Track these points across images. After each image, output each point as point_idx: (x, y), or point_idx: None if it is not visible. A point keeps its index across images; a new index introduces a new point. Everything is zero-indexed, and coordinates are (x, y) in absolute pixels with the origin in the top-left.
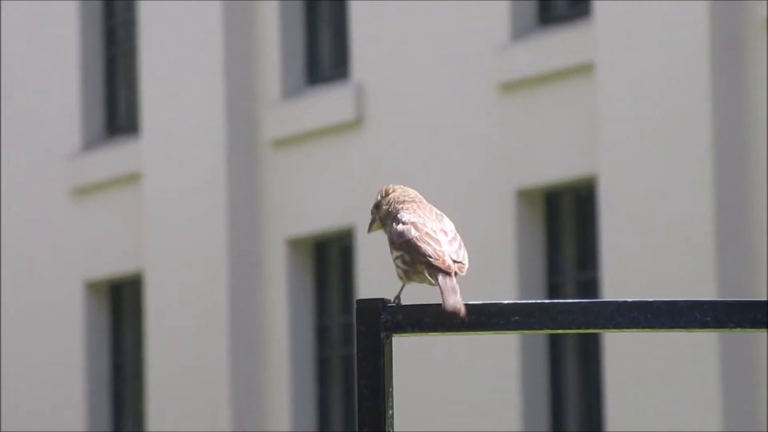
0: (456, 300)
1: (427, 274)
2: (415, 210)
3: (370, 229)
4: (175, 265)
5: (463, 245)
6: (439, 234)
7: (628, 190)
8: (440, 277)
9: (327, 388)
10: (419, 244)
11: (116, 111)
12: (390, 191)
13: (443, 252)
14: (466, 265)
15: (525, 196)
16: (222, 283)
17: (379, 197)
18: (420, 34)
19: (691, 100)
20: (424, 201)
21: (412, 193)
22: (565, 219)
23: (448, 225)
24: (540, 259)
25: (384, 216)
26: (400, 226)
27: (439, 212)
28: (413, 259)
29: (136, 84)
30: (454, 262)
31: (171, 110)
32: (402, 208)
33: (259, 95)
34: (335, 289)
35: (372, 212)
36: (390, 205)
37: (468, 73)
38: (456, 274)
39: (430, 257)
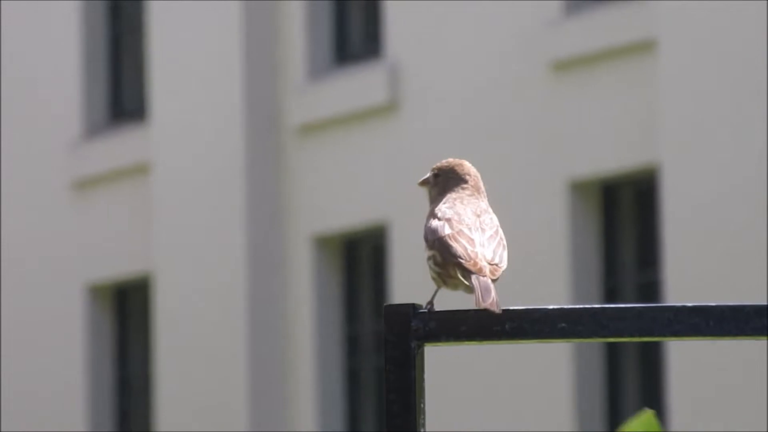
0: (490, 297)
1: (461, 277)
2: (455, 203)
3: (422, 183)
4: (188, 267)
5: (503, 245)
6: (474, 232)
7: (694, 181)
8: (473, 278)
9: (357, 403)
10: (450, 242)
11: (122, 94)
12: (455, 169)
13: (476, 253)
14: (502, 268)
15: (579, 188)
16: (240, 287)
17: (443, 167)
18: (462, 8)
19: (764, 80)
20: (481, 189)
21: (474, 178)
22: (624, 214)
23: (489, 221)
24: (595, 260)
25: (433, 196)
26: (434, 222)
27: (485, 206)
28: (445, 261)
29: (143, 64)
30: (489, 263)
31: (183, 93)
32: (447, 197)
33: (282, 76)
34: (366, 292)
35: (431, 175)
36: (444, 189)
37: (515, 51)
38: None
39: (461, 258)
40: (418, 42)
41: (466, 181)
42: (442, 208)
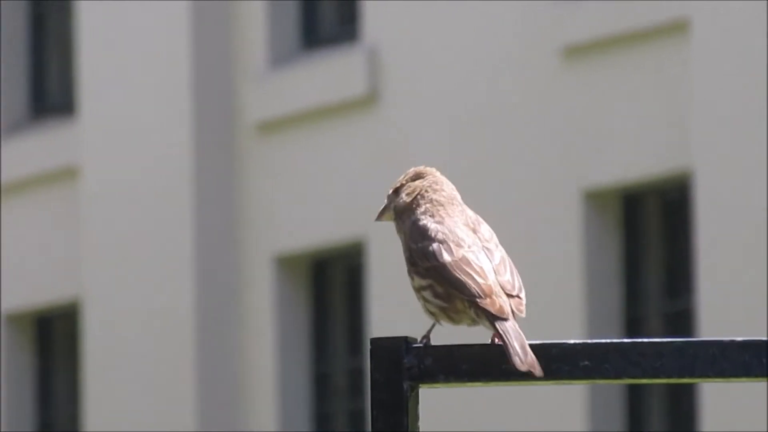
0: (528, 358)
1: (473, 314)
2: (441, 215)
3: (381, 216)
4: (124, 292)
5: (515, 269)
6: (480, 255)
7: (734, 191)
8: (497, 324)
9: None
10: (456, 274)
11: (44, 85)
12: (419, 176)
13: (491, 286)
14: (524, 300)
15: (595, 199)
16: (187, 317)
17: (402, 180)
18: None
19: None
20: (458, 198)
21: (447, 187)
22: (649, 229)
23: (488, 235)
24: (615, 284)
25: (401, 210)
26: (424, 243)
27: (473, 215)
28: (449, 294)
29: (70, 49)
30: (509, 296)
31: (118, 84)
32: (428, 209)
33: (238, 63)
34: (340, 323)
35: (388, 197)
36: (414, 198)
37: (517, 33)
38: (514, 315)
39: (475, 296)
40: (401, 23)
41: (437, 189)
42: (430, 223)
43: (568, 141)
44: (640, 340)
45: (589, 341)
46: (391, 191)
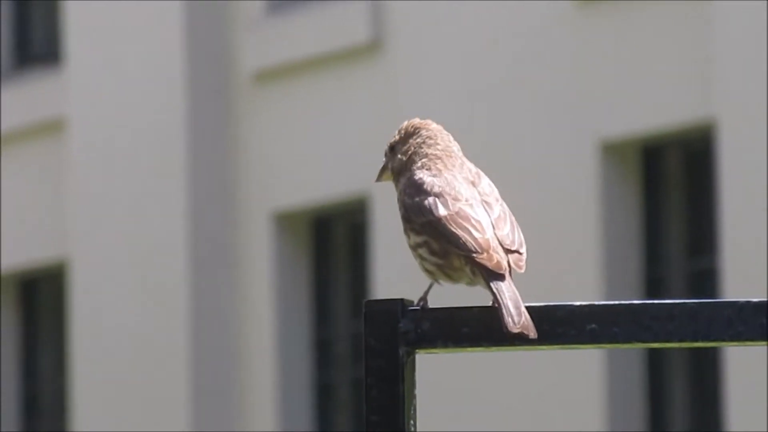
0: (521, 318)
1: (469, 272)
2: (439, 168)
3: (380, 177)
4: (113, 253)
5: (516, 224)
6: (478, 209)
7: (760, 143)
8: (492, 283)
9: (329, 426)
10: (452, 228)
11: (29, 34)
12: (413, 130)
13: (488, 241)
14: (525, 255)
15: (613, 151)
16: (181, 279)
17: (396, 136)
18: None
19: None
20: (456, 151)
21: (443, 139)
22: (671, 184)
23: (489, 189)
24: (634, 243)
25: (399, 168)
26: (419, 198)
27: (474, 169)
28: (445, 250)
29: None
30: (508, 251)
31: (105, 31)
32: (424, 163)
33: (233, 10)
34: (342, 284)
35: (385, 155)
36: (408, 154)
37: None
38: (510, 273)
39: (472, 251)
40: None
41: (434, 143)
42: (426, 177)
43: (584, 90)
44: (650, 301)
45: (596, 303)
46: (387, 149)
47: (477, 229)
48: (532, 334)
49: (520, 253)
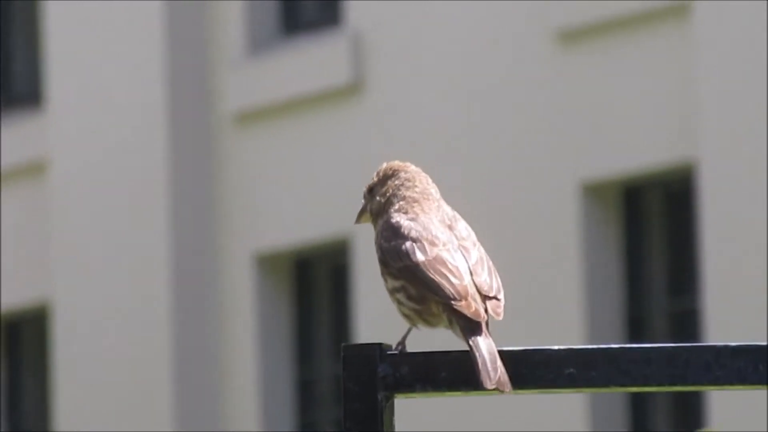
0: (497, 373)
1: (446, 318)
2: (416, 211)
3: (359, 219)
4: (96, 294)
5: (494, 269)
6: (455, 254)
7: (741, 184)
8: (468, 335)
9: None
10: (430, 274)
11: (10, 74)
12: (391, 172)
13: (466, 287)
14: (503, 302)
15: (595, 192)
16: (163, 321)
17: (375, 178)
18: None
19: None
20: (434, 194)
21: (421, 182)
22: (652, 224)
23: (466, 233)
24: (616, 282)
25: (377, 210)
26: (396, 242)
27: (451, 212)
28: (423, 296)
29: (38, 38)
30: (486, 298)
31: (88, 72)
32: (401, 206)
33: (214, 49)
34: (324, 326)
35: (364, 196)
36: (386, 196)
37: (512, 16)
38: (487, 321)
39: (450, 298)
40: (387, 7)
41: (412, 186)
42: (403, 221)
43: (565, 130)
44: (628, 345)
45: (574, 347)
46: (365, 191)
47: (455, 275)
48: (507, 389)
49: (498, 300)
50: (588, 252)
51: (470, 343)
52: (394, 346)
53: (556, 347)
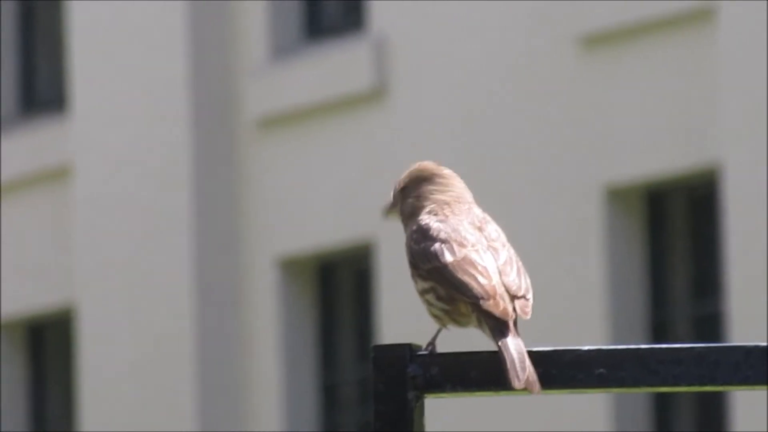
0: (526, 372)
1: (475, 319)
2: (446, 213)
3: (387, 212)
4: (119, 298)
5: (523, 269)
6: (484, 254)
7: (765, 186)
8: (497, 336)
9: None
10: (458, 275)
11: (35, 80)
12: (427, 175)
13: (494, 287)
14: (531, 301)
15: (618, 196)
16: (186, 324)
17: (408, 178)
18: None
19: None
20: (467, 197)
21: (456, 186)
22: (676, 228)
23: (495, 234)
24: (640, 286)
25: (409, 212)
26: (425, 243)
27: (481, 214)
28: (452, 296)
29: (62, 44)
30: (514, 297)
31: (111, 78)
32: (432, 209)
33: (237, 55)
34: (348, 329)
35: (394, 194)
36: (419, 198)
37: (533, 21)
38: (516, 321)
39: (478, 297)
40: (410, 12)
41: (447, 189)
42: (432, 223)
43: (589, 135)
44: (658, 346)
45: (604, 347)
46: (397, 188)
47: (483, 275)
48: (536, 389)
49: (526, 299)
50: (612, 256)
51: (499, 343)
52: (424, 347)
53: (586, 347)
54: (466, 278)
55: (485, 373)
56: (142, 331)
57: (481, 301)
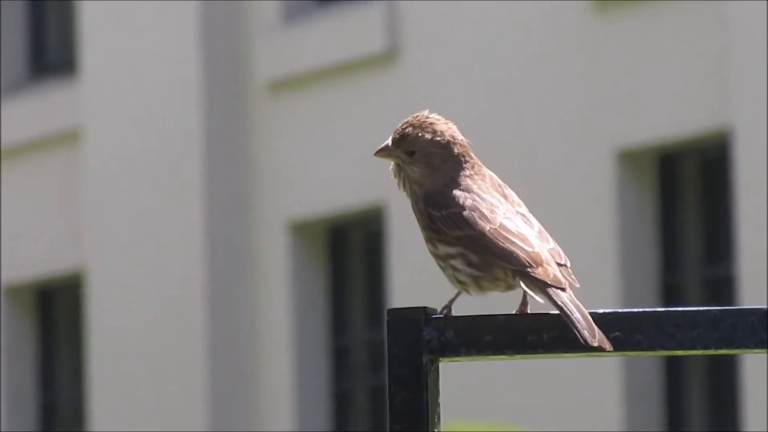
0: (596, 332)
1: (520, 285)
2: (463, 177)
3: (381, 154)
4: (129, 263)
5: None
6: (516, 221)
7: None
8: (557, 300)
9: None
10: (501, 243)
11: (44, 43)
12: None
13: (539, 254)
14: (569, 264)
15: (630, 159)
16: (197, 289)
17: (407, 127)
18: None
19: None
20: (476, 159)
21: (464, 142)
22: (687, 191)
23: (517, 199)
24: (651, 249)
25: (419, 173)
26: (452, 210)
27: (498, 180)
28: (487, 262)
29: (71, 7)
30: (558, 264)
31: (121, 40)
32: (449, 173)
33: (249, 18)
34: (359, 293)
35: (393, 142)
36: (429, 156)
37: None
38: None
39: (526, 266)
40: None
41: (454, 148)
42: (455, 190)
43: (601, 98)
44: (674, 309)
45: (619, 311)
46: (395, 136)
47: (525, 243)
48: (608, 346)
49: (568, 267)
50: (623, 219)
51: (559, 303)
52: (439, 310)
53: (601, 311)
54: (509, 246)
55: (500, 336)
56: (152, 295)
57: (530, 270)
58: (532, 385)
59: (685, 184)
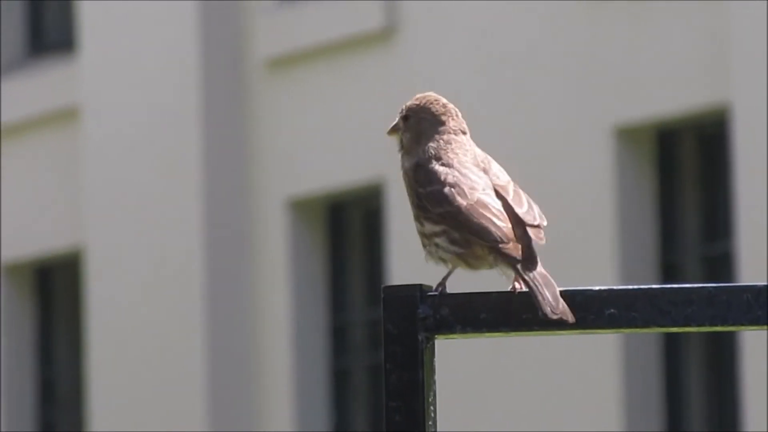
0: (559, 305)
1: (492, 260)
2: (446, 152)
3: (391, 132)
4: (128, 241)
5: (530, 198)
6: (494, 199)
7: None
8: (526, 275)
9: (346, 412)
10: (475, 219)
11: (43, 23)
12: (426, 108)
13: (510, 229)
14: (544, 224)
15: (628, 135)
16: (196, 266)
17: (409, 110)
18: None
19: None
20: (465, 134)
21: (452, 120)
22: (686, 168)
23: (499, 172)
24: (650, 227)
25: (408, 146)
26: (433, 187)
27: (482, 153)
28: (467, 240)
29: None
30: (529, 226)
31: (119, 19)
32: (434, 148)
33: None
34: (357, 271)
35: (399, 122)
36: (420, 134)
37: None
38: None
39: (497, 241)
40: None
41: (443, 122)
42: (437, 166)
43: (599, 74)
44: (669, 286)
45: (615, 287)
46: (400, 118)
47: (500, 219)
48: (571, 318)
49: (539, 227)
50: (621, 196)
51: (527, 277)
52: (434, 287)
53: (596, 288)
54: (483, 222)
55: (496, 313)
56: (151, 274)
57: (501, 245)
58: (528, 364)
59: (683, 162)
